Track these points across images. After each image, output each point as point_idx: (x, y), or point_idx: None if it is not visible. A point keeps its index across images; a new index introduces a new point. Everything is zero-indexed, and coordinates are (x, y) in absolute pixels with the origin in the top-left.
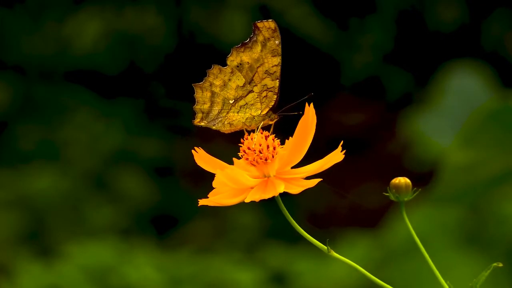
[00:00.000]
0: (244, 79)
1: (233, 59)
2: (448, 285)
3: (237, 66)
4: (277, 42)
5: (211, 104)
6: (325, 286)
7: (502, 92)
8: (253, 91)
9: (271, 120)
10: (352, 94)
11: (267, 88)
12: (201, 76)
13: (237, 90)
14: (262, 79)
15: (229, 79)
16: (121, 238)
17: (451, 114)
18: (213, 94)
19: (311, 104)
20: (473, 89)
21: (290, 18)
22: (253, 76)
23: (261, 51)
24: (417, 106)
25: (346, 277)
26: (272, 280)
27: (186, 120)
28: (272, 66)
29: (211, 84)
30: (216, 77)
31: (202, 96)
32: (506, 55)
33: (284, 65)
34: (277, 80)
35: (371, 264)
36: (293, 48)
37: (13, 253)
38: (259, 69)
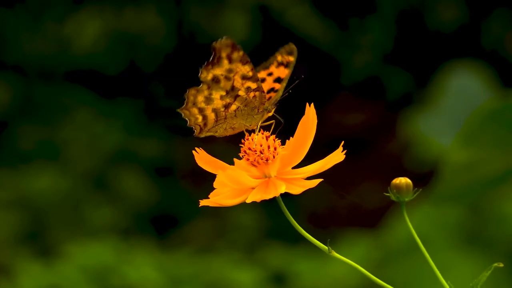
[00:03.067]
0: (225, 88)
1: (205, 76)
2: (448, 285)
3: (213, 80)
4: (241, 53)
5: (203, 117)
6: (325, 286)
7: (502, 92)
8: (240, 95)
9: (269, 112)
10: (352, 94)
11: (252, 89)
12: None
13: (223, 98)
14: (243, 83)
15: (210, 93)
16: (121, 238)
17: (451, 114)
18: (200, 109)
19: (312, 104)
20: (473, 89)
21: (290, 18)
22: (233, 83)
23: (230, 63)
24: (417, 106)
25: (346, 277)
26: (272, 280)
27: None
28: (247, 72)
29: (194, 103)
30: (195, 96)
31: (190, 114)
32: (506, 55)
33: None
34: (258, 81)
35: (371, 264)
36: None
37: (13, 253)
38: (235, 77)
